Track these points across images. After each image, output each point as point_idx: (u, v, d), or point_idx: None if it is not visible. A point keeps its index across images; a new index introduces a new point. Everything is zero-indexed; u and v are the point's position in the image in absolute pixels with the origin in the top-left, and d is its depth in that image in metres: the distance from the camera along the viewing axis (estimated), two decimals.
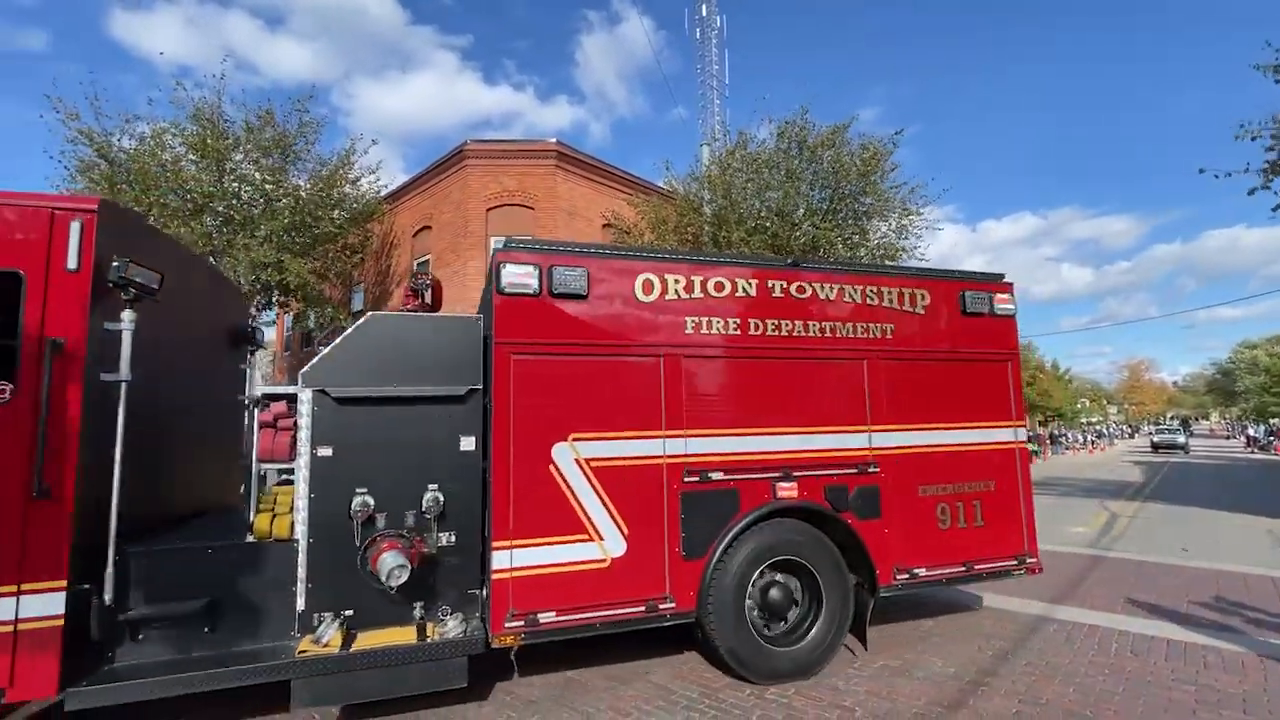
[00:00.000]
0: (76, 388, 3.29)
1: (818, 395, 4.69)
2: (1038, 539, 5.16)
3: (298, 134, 15.12)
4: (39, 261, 3.31)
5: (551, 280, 4.09)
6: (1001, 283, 5.42)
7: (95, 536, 3.30)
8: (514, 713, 3.88)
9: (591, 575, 4.01)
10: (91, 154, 13.55)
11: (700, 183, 14.88)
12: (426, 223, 17.65)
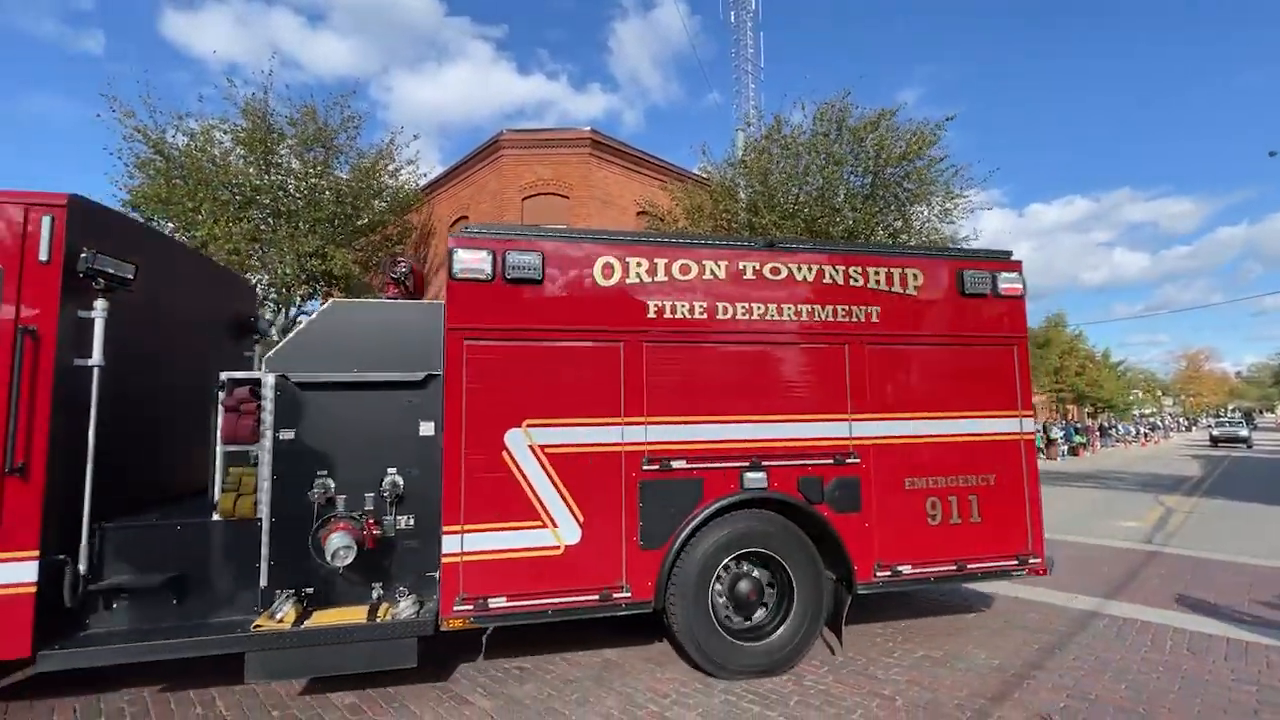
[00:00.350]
0: (47, 373, 3.50)
1: (792, 381, 4.51)
2: (1044, 537, 4.82)
3: (340, 128, 15.47)
4: (14, 255, 3.50)
5: (505, 265, 4.06)
6: (1008, 261, 5.05)
7: (70, 511, 3.54)
8: (554, 690, 3.97)
9: (545, 562, 4.01)
10: (147, 150, 14.12)
11: (735, 168, 14.69)
12: (464, 212, 17.90)
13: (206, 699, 3.88)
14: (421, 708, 3.76)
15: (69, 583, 3.52)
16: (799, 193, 14.15)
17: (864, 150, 13.39)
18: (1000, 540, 4.72)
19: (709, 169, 15.30)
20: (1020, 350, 4.93)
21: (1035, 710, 3.65)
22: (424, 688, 4.04)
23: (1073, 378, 39.54)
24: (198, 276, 5.17)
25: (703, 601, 4.14)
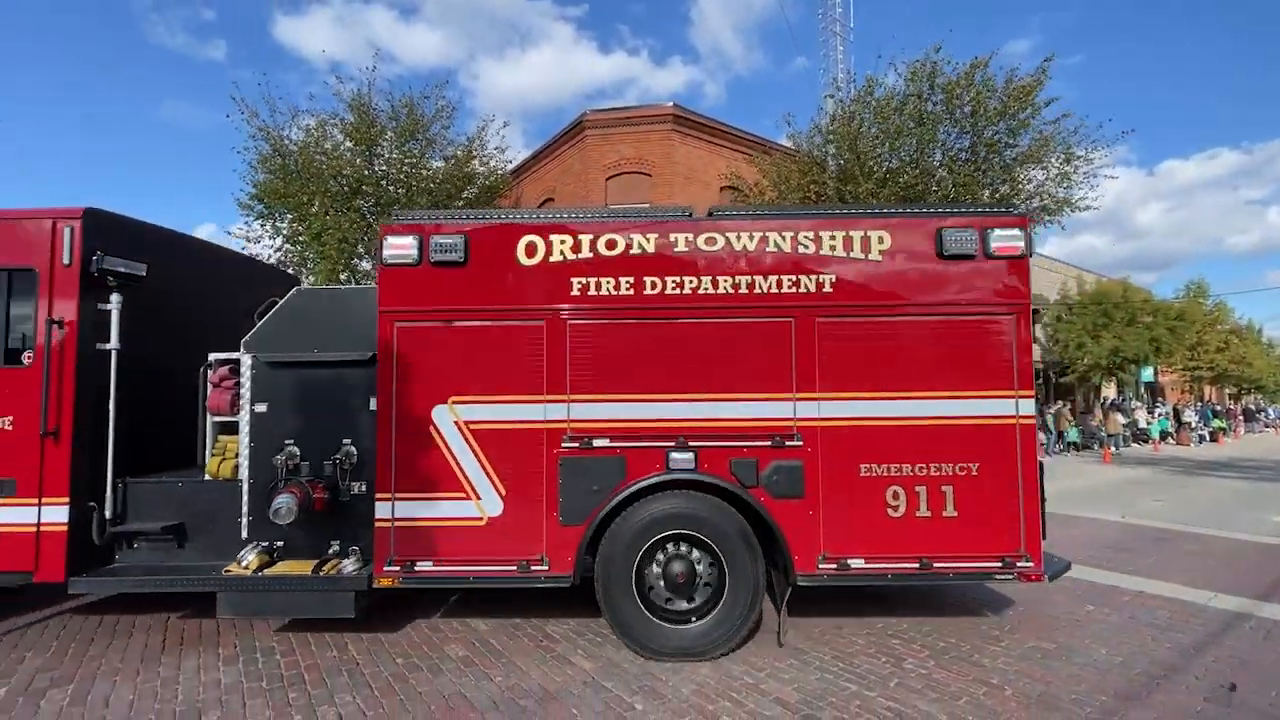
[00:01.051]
0: (71, 356, 4.33)
1: (727, 358, 4.26)
2: (1042, 539, 4.19)
3: (434, 119, 16.16)
4: (45, 259, 4.35)
5: (430, 249, 4.22)
6: (1005, 216, 4.36)
7: (96, 468, 4.37)
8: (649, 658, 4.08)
9: (468, 532, 4.19)
10: (268, 148, 15.36)
11: (824, 136, 14.08)
12: (550, 194, 18.29)
13: (340, 643, 4.32)
14: (527, 664, 4.00)
15: (96, 525, 4.36)
16: (890, 157, 13.39)
17: (959, 108, 12.44)
18: (980, 538, 4.14)
19: (795, 138, 14.76)
20: (1021, 320, 4.21)
21: (1168, 712, 3.39)
22: (529, 645, 4.30)
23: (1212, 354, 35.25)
24: (215, 268, 5.77)
25: (625, 580, 4.12)
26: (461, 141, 17.01)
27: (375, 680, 3.77)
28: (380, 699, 3.54)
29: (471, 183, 17.06)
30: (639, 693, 3.63)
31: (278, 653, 4.18)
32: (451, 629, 4.62)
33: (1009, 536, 4.14)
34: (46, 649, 4.23)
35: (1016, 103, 12.02)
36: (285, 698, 3.56)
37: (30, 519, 4.28)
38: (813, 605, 4.90)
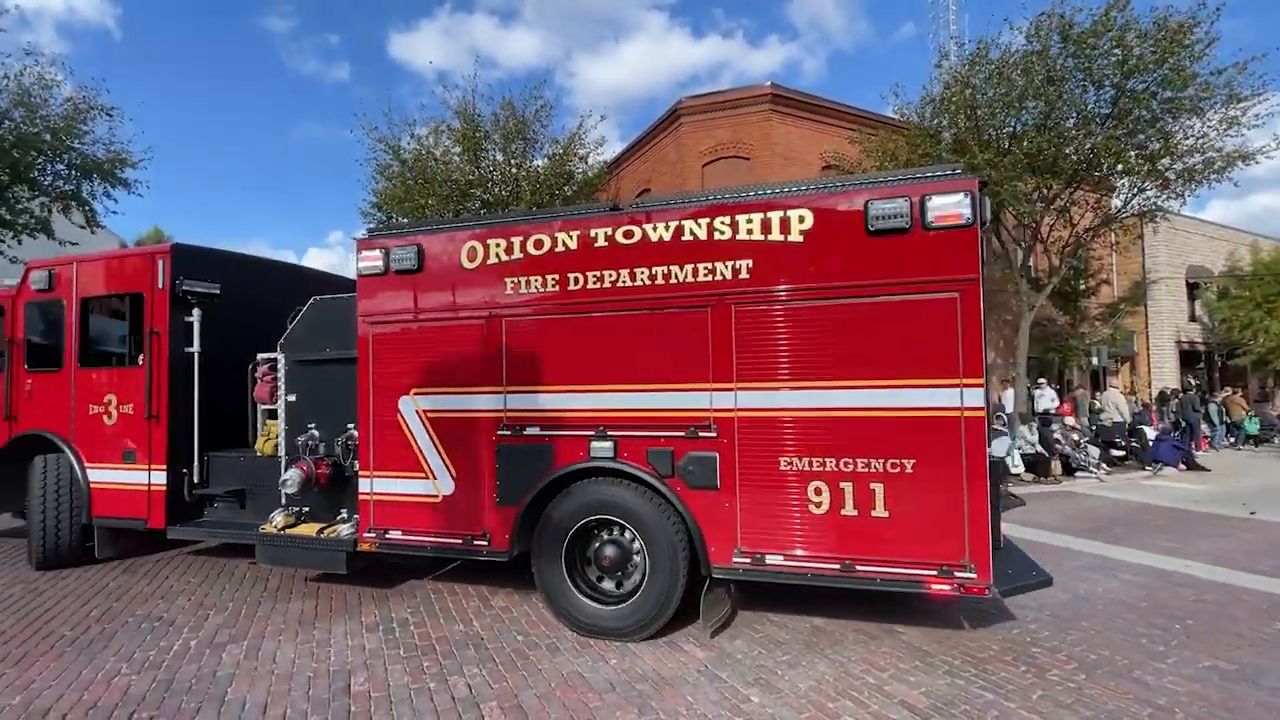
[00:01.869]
0: (165, 357, 5.63)
1: (647, 350, 4.29)
2: (992, 547, 3.66)
3: (534, 119, 16.68)
4: (147, 285, 5.76)
5: (390, 259, 4.78)
6: (948, 180, 3.79)
7: (187, 444, 5.68)
8: (763, 649, 4.04)
9: (426, 507, 4.74)
10: (387, 158, 16.53)
11: (935, 105, 13.07)
12: (646, 185, 18.35)
13: (466, 618, 4.60)
14: (640, 649, 4.05)
15: (186, 487, 5.68)
16: (1013, 123, 12.19)
17: (1098, 61, 11.04)
18: (914, 543, 3.75)
19: (903, 110, 13.81)
20: (968, 298, 3.66)
21: None
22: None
23: None
24: (271, 280, 6.63)
25: (555, 559, 4.39)
26: (560, 139, 17.46)
27: (499, 655, 3.98)
28: (504, 674, 3.72)
29: (570, 180, 17.48)
30: (754, 685, 3.57)
31: (411, 624, 4.52)
32: None
33: (950, 543, 3.68)
34: (224, 609, 4.84)
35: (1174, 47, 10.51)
36: (420, 665, 3.83)
37: (144, 480, 5.70)
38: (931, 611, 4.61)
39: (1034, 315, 13.68)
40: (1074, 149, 11.88)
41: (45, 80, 13.23)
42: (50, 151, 13.47)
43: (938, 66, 13.44)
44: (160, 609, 4.84)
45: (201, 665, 3.86)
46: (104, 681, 3.65)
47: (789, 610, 4.71)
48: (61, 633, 4.38)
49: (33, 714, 3.29)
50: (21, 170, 13.28)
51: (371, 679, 3.66)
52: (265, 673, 3.75)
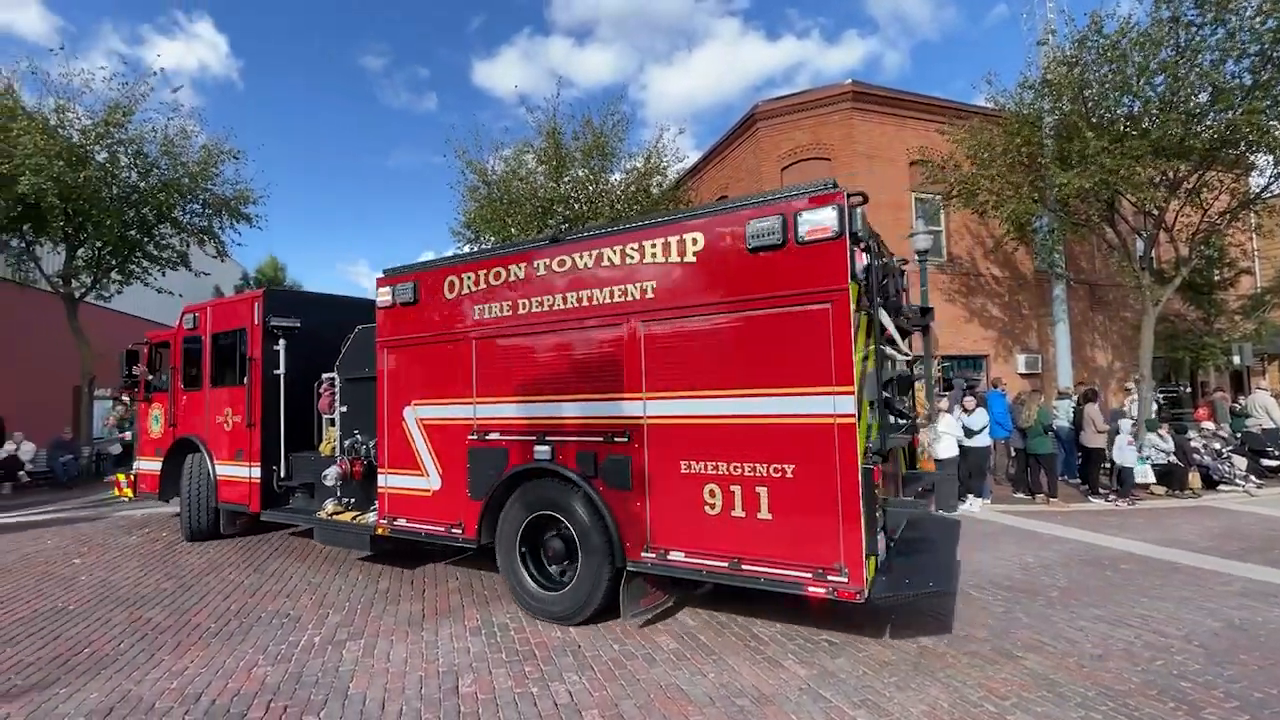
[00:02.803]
0: (259, 378, 7.09)
1: (577, 363, 4.80)
2: (866, 552, 3.68)
3: (611, 134, 17.01)
4: (248, 322, 7.29)
5: (396, 294, 5.77)
6: (819, 194, 3.91)
7: (276, 446, 7.05)
8: (869, 669, 3.86)
9: (422, 499, 5.62)
10: (475, 180, 17.34)
11: (1037, 90, 12.18)
12: (723, 193, 18.23)
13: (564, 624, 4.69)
14: (739, 664, 3.97)
15: (275, 480, 7.07)
16: (1133, 104, 11.14)
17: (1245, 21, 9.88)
18: (793, 545, 3.92)
19: (999, 98, 12.96)
20: (838, 308, 3.77)
21: None
22: (738, 644, 4.27)
23: None
24: (337, 312, 7.53)
25: (511, 548, 5.03)
26: (636, 152, 17.70)
27: (596, 663, 4.02)
28: (604, 682, 3.75)
29: (648, 193, 17.67)
30: (861, 706, 3.41)
31: (511, 629, 4.66)
32: (660, 621, 4.77)
33: (825, 546, 3.81)
34: (342, 609, 5.19)
35: None
36: (522, 670, 3.94)
37: (247, 475, 7.21)
38: (1058, 633, 4.23)
39: (1159, 311, 12.38)
40: (1206, 127, 10.70)
41: (185, 131, 14.91)
42: (188, 193, 15.15)
43: (1041, 44, 12.55)
44: (287, 606, 5.26)
45: (325, 660, 4.14)
46: (244, 671, 3.99)
47: (894, 629, 4.48)
48: (207, 625, 4.85)
49: (187, 698, 3.65)
50: (166, 210, 15.01)
51: (478, 681, 3.80)
52: (381, 670, 3.98)
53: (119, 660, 4.20)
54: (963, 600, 5.13)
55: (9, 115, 12.45)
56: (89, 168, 13.02)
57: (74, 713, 3.49)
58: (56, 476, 13.58)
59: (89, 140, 13.46)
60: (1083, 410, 10.01)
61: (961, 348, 15.53)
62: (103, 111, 13.63)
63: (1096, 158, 10.76)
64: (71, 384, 16.13)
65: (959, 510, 8.87)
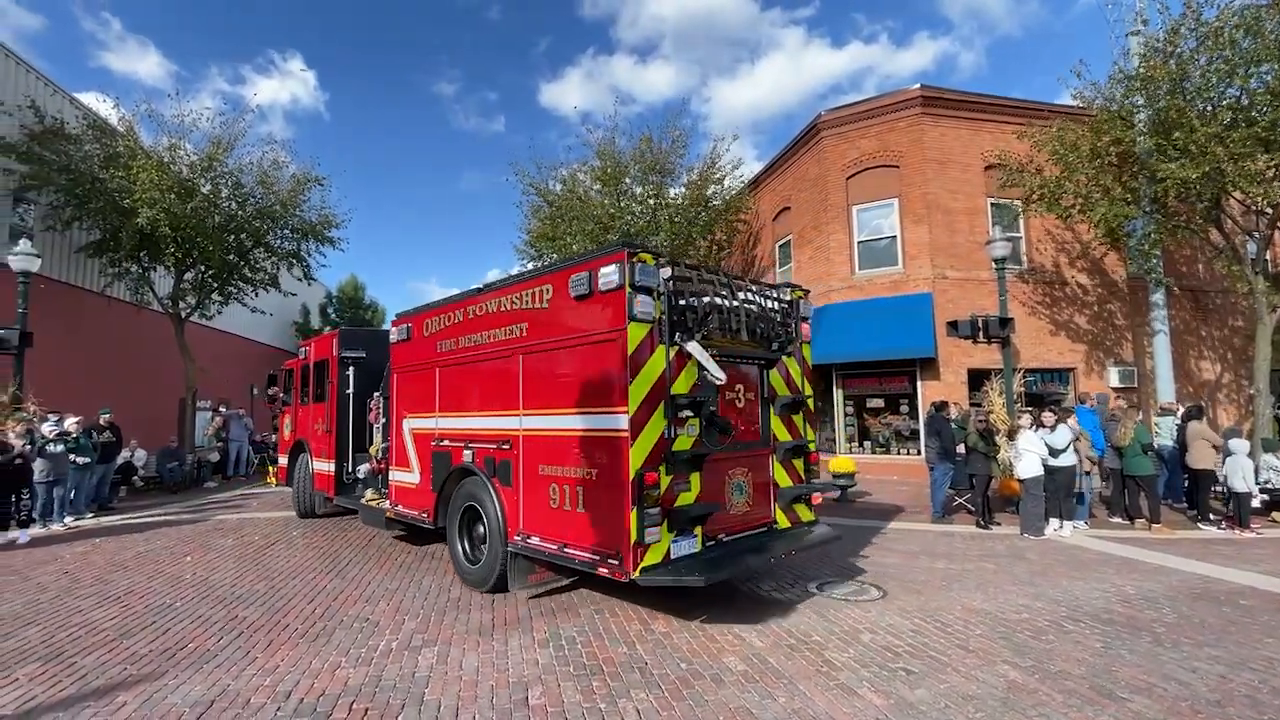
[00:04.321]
0: (334, 397, 9.34)
1: (488, 387, 6.13)
2: (634, 542, 4.49)
3: (670, 150, 17.14)
4: (330, 354, 9.51)
5: (397, 332, 7.67)
6: (609, 254, 4.87)
7: (344, 447, 9.29)
8: (951, 704, 3.72)
9: (410, 490, 7.30)
10: (537, 199, 17.84)
11: (1129, 84, 11.41)
12: (785, 204, 17.99)
13: (629, 640, 4.67)
14: (810, 690, 3.84)
15: (345, 472, 9.26)
16: (1241, 94, 10.25)
17: None
18: (592, 533, 4.85)
19: (1088, 94, 12.21)
20: (620, 343, 4.69)
21: None
22: (809, 669, 4.13)
23: None
24: None
25: (453, 529, 6.48)
26: (696, 167, 17.76)
27: (664, 681, 3.98)
28: (671, 701, 3.71)
29: (706, 206, 17.67)
30: None
31: (578, 642, 4.69)
32: (726, 639, 4.68)
33: (610, 535, 4.70)
34: (417, 615, 5.37)
35: None
36: (590, 685, 3.95)
37: (327, 469, 9.44)
38: (1170, 674, 3.85)
39: (1277, 320, 11.25)
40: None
41: (278, 162, 16.11)
42: (279, 219, 16.32)
43: (1134, 35, 11.77)
44: (366, 611, 5.49)
45: (403, 665, 4.30)
46: (329, 672, 4.20)
47: (978, 660, 4.22)
48: (295, 626, 5.13)
49: (278, 695, 3.86)
50: (260, 236, 16.21)
51: (547, 694, 3.84)
52: (455, 678, 4.09)
53: (218, 656, 4.50)
54: (1055, 634, 4.78)
55: (130, 154, 13.83)
56: (195, 199, 14.27)
57: (180, 704, 3.76)
58: (164, 481, 14.80)
59: (195, 174, 14.76)
60: (1186, 428, 9.19)
61: (1046, 360, 14.61)
62: (207, 147, 14.93)
63: (1206, 146, 9.95)
64: (177, 396, 17.59)
65: (1046, 533, 8.29)
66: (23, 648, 4.72)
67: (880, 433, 15.13)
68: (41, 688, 4.01)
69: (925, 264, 14.61)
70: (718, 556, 4.98)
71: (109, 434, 11.93)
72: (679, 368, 4.94)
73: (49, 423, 10.27)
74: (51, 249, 14.58)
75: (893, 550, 7.61)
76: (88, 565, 7.39)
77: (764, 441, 5.87)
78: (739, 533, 5.45)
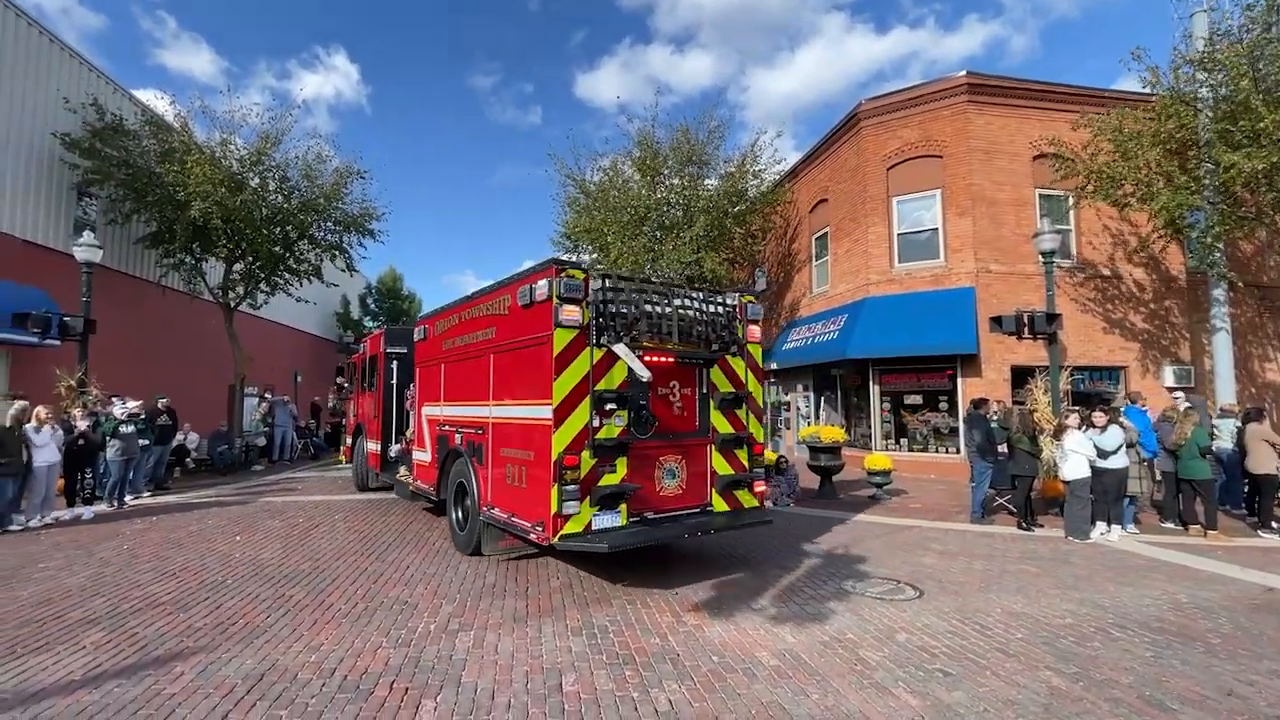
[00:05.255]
0: (380, 387, 11.13)
1: (473, 380, 7.16)
2: (555, 513, 5.32)
3: (707, 141, 16.97)
4: (378, 350, 11.39)
5: (419, 333, 9.05)
6: (540, 271, 5.77)
7: (390, 431, 10.98)
8: (990, 707, 3.61)
9: (425, 467, 8.61)
10: (574, 190, 17.89)
11: (1196, 66, 10.83)
12: (823, 195, 17.67)
13: (661, 632, 4.70)
14: (844, 687, 3.80)
15: (386, 453, 10.89)
16: None
17: None
18: (530, 506, 5.75)
19: (1149, 77, 11.63)
20: (548, 346, 5.52)
21: None
22: (843, 667, 4.10)
23: None
24: None
25: (450, 502, 7.62)
26: (732, 157, 17.57)
27: (695, 674, 4.00)
28: (703, 693, 3.72)
29: (743, 198, 17.47)
30: None
31: (610, 631, 4.74)
32: (758, 634, 4.67)
33: (540, 508, 5.54)
34: (454, 600, 5.51)
35: None
36: (623, 674, 3.99)
37: (375, 449, 11.23)
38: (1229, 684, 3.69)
39: None
40: None
41: (322, 156, 16.53)
42: (323, 212, 16.77)
43: (1201, 14, 11.16)
44: (405, 594, 5.65)
45: (440, 648, 4.41)
46: (370, 651, 4.34)
47: (1018, 663, 4.12)
48: (338, 606, 5.31)
49: (324, 671, 4.01)
50: (305, 228, 16.69)
51: (580, 681, 3.90)
52: (490, 662, 4.18)
53: (267, 632, 4.69)
54: (1101, 640, 4.63)
55: (184, 150, 14.37)
56: (244, 192, 14.76)
57: (233, 675, 3.94)
58: (214, 463, 15.45)
59: (245, 168, 15.26)
60: (1246, 430, 8.74)
61: (1096, 358, 14.07)
62: (256, 141, 15.41)
63: (1274, 134, 9.40)
64: (226, 382, 18.31)
65: (1093, 537, 8.01)
66: (89, 617, 5.01)
67: (918, 430, 14.81)
68: (106, 655, 4.25)
69: (968, 257, 14.19)
70: (637, 530, 5.64)
71: (165, 418, 12.50)
72: (607, 366, 5.64)
73: (118, 405, 10.82)
74: (112, 241, 15.29)
75: (930, 550, 7.46)
76: (146, 542, 7.78)
77: (701, 432, 6.36)
78: (668, 512, 6.00)
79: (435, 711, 3.51)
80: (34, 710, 3.49)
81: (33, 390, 10.72)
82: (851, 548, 7.52)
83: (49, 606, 5.28)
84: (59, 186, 14.20)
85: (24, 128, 13.33)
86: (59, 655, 4.26)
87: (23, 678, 3.92)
